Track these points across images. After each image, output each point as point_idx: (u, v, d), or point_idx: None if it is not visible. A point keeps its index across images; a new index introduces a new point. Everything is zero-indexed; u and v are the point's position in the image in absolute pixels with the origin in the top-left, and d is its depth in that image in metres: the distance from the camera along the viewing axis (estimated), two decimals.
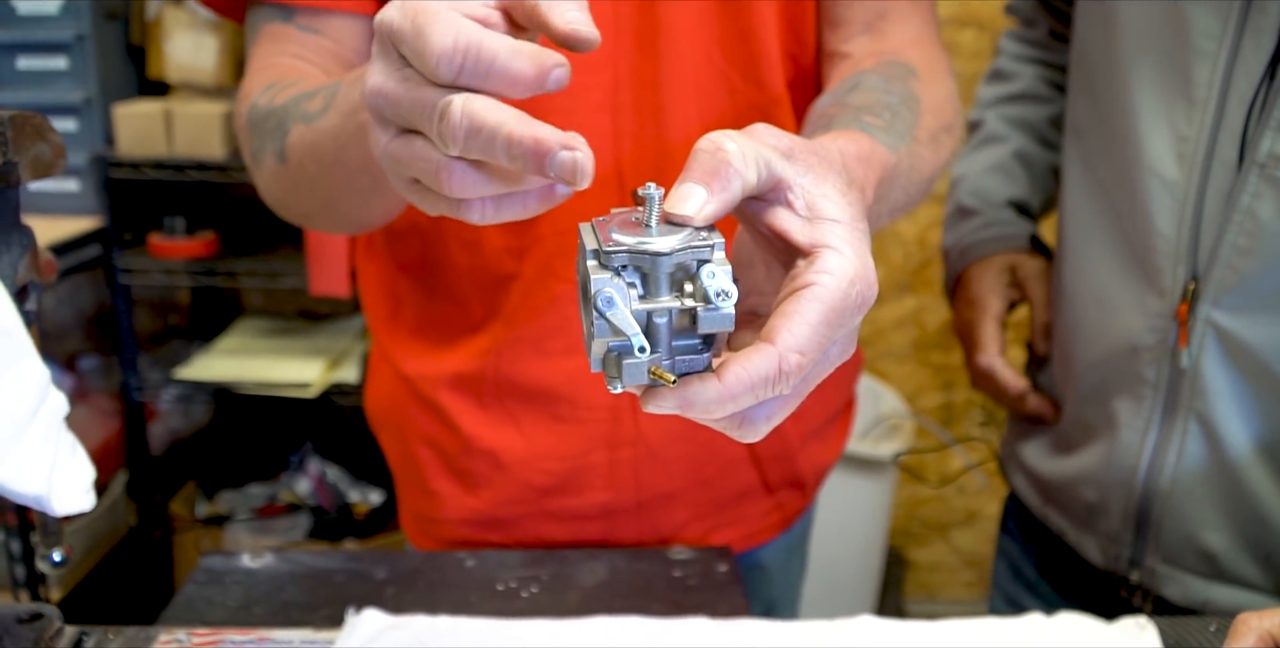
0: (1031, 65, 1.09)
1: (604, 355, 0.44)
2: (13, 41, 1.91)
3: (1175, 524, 0.80)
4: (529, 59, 0.41)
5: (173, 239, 1.98)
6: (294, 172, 0.68)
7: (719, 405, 0.42)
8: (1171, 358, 0.78)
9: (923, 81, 0.71)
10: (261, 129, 0.70)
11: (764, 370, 0.42)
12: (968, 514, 2.44)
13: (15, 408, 0.58)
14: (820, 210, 0.45)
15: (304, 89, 0.67)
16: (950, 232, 1.06)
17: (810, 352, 0.42)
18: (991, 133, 1.07)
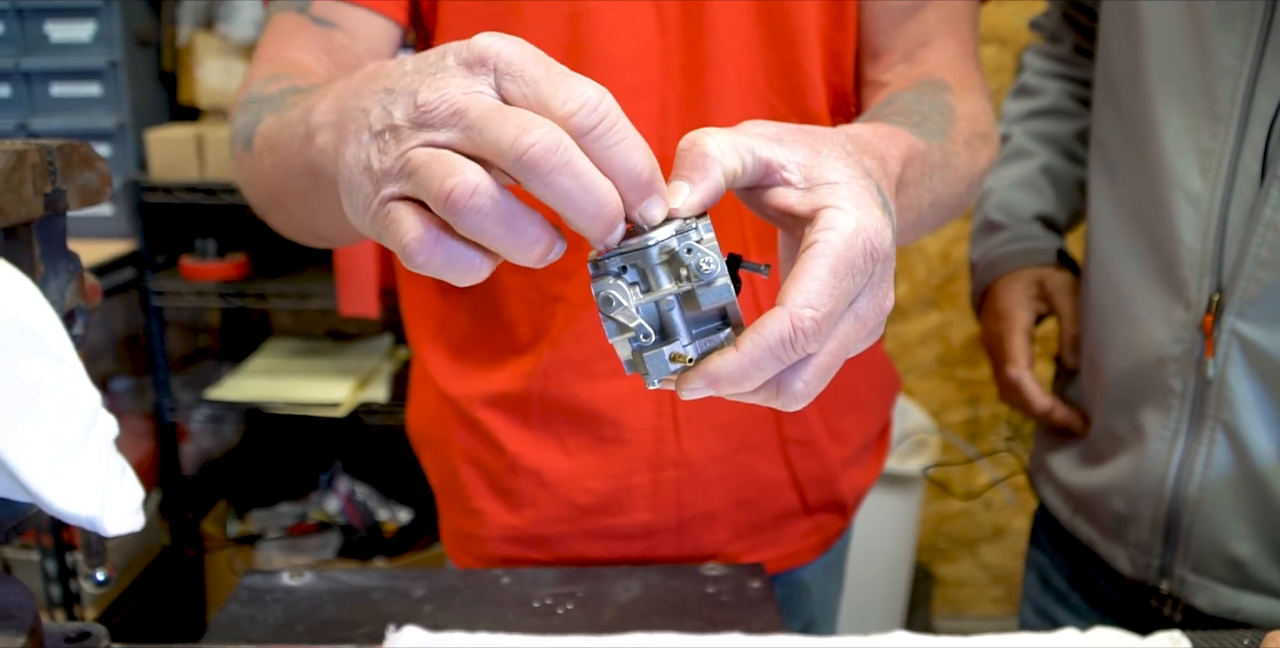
0: (1057, 80, 1.09)
1: (630, 356, 0.44)
2: (47, 69, 1.95)
3: (1204, 534, 0.81)
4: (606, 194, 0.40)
5: (204, 261, 2.01)
6: (254, 160, 0.65)
7: (743, 374, 0.42)
8: (1197, 368, 0.79)
9: (957, 95, 0.72)
10: (243, 114, 0.68)
11: (778, 331, 0.41)
12: (995, 530, 2.43)
13: (68, 431, 0.60)
14: (817, 177, 0.45)
15: (298, 84, 0.65)
16: (977, 246, 1.07)
17: (822, 306, 0.42)
18: (1018, 148, 1.08)
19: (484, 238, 0.40)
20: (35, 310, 0.61)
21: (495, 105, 0.39)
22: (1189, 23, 0.77)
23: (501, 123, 0.38)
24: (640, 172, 0.40)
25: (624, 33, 0.74)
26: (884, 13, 0.77)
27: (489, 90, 0.40)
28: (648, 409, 0.82)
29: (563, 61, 0.73)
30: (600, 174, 0.39)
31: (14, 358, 0.58)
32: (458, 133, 0.39)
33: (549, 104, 0.39)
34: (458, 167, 0.38)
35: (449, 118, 0.39)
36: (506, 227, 0.39)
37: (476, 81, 0.40)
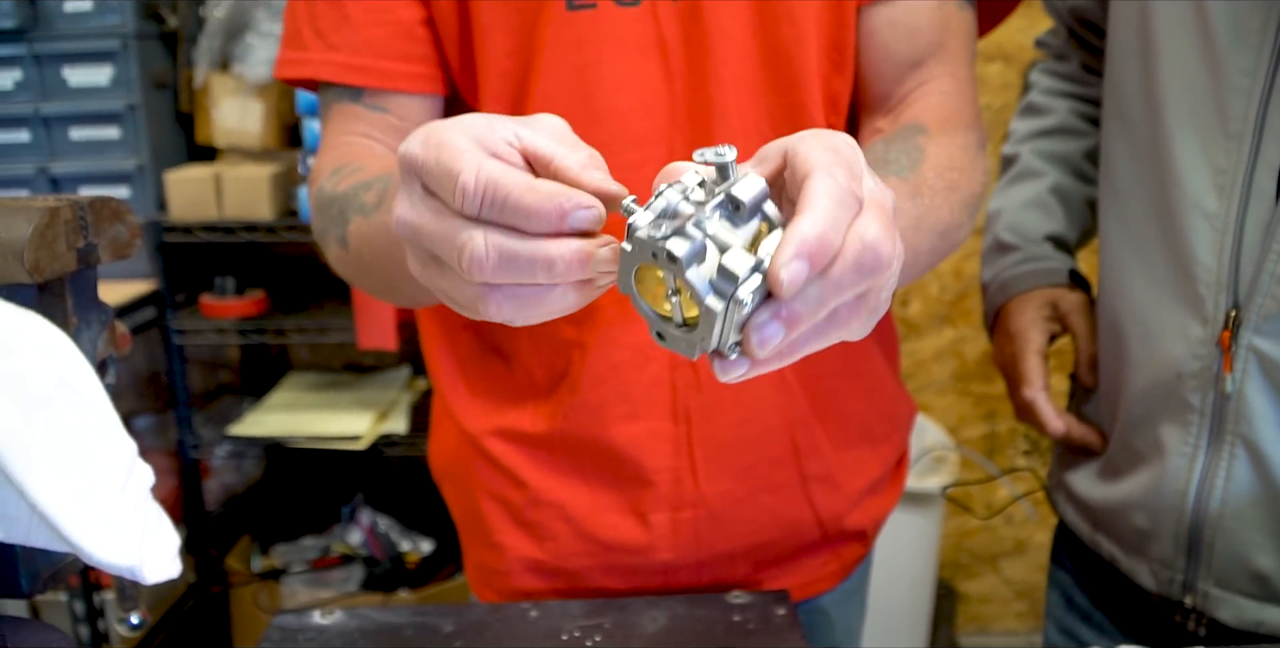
0: (1065, 99, 1.10)
1: (707, 282, 0.41)
2: (65, 113, 1.98)
3: (1226, 548, 0.81)
4: (546, 197, 0.42)
5: (223, 299, 2.03)
6: (355, 258, 0.71)
7: (828, 226, 0.40)
8: (1216, 384, 0.79)
9: (932, 136, 0.73)
10: (327, 214, 0.74)
11: (826, 180, 0.41)
12: (1016, 544, 2.42)
13: (106, 483, 0.61)
14: (766, 153, 0.46)
15: (363, 179, 0.71)
16: (988, 266, 1.08)
17: (844, 164, 0.42)
18: (1027, 167, 1.08)
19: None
20: (71, 364, 0.63)
21: (434, 225, 0.45)
22: (1201, 42, 0.78)
23: (440, 245, 0.44)
24: (534, 213, 0.42)
25: (631, 83, 0.77)
26: (880, 57, 0.79)
27: (420, 193, 0.45)
28: (665, 450, 0.84)
29: (573, 112, 0.76)
30: (536, 243, 0.43)
31: (52, 412, 0.60)
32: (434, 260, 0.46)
33: (450, 202, 0.44)
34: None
35: (415, 239, 0.46)
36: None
37: (413, 191, 0.46)
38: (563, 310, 0.46)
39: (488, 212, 0.42)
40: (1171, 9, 0.80)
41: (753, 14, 0.76)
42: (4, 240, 0.63)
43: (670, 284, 0.42)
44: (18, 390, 0.58)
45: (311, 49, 0.81)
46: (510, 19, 0.77)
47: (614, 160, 0.75)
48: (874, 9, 0.78)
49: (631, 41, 0.76)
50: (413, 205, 0.45)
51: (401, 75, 0.80)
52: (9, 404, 0.57)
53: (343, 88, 0.81)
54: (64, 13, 1.93)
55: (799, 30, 0.77)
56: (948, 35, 0.79)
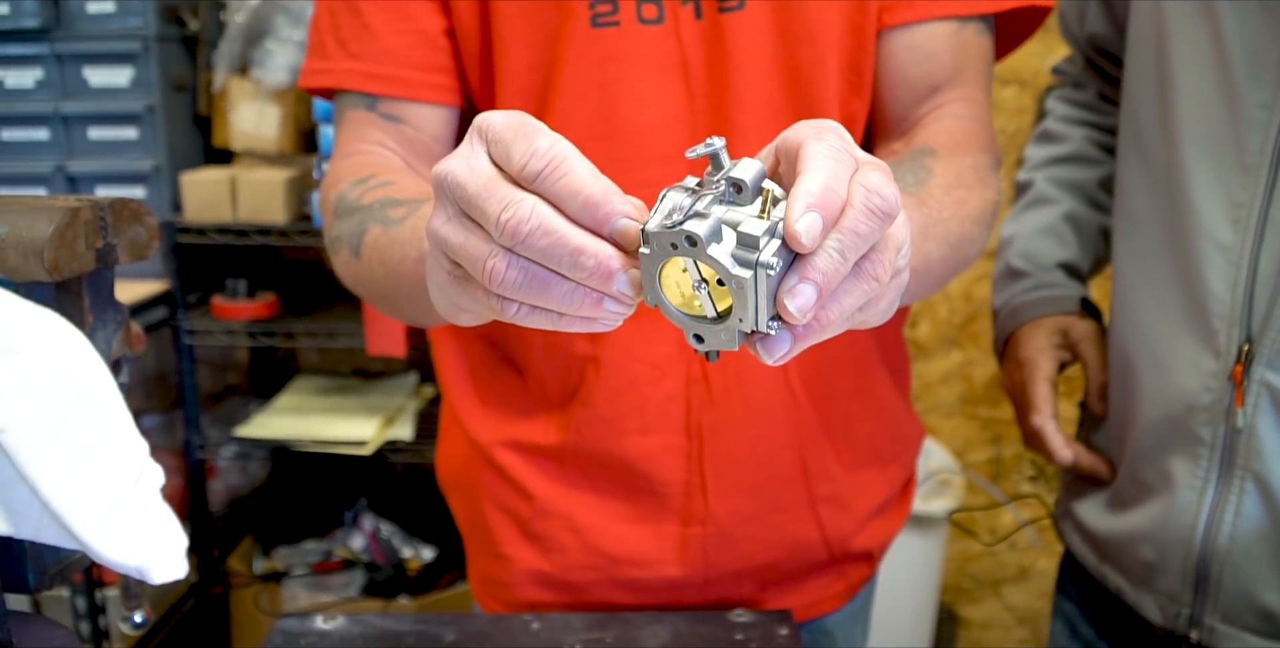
0: (1081, 127, 1.10)
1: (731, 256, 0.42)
2: (85, 113, 1.99)
3: (1234, 584, 0.81)
4: (602, 190, 0.42)
5: (235, 301, 2.04)
6: (364, 267, 0.72)
7: (831, 179, 0.41)
8: (1227, 418, 0.79)
9: (940, 157, 0.74)
10: (346, 221, 0.74)
11: (818, 144, 0.42)
12: (1019, 570, 2.41)
13: (117, 482, 0.62)
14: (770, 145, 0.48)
15: (393, 195, 0.71)
16: (999, 292, 1.08)
17: (833, 132, 0.43)
18: (1041, 195, 1.08)
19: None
20: (86, 363, 0.63)
21: (486, 182, 0.44)
22: (1219, 76, 0.78)
23: (487, 199, 0.43)
24: (586, 197, 0.42)
25: (652, 101, 0.77)
26: (898, 80, 0.80)
27: (484, 158, 0.45)
28: (678, 464, 0.84)
29: (593, 128, 0.76)
30: (576, 230, 0.42)
31: (66, 410, 0.60)
32: (459, 207, 0.45)
33: (511, 162, 0.43)
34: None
35: (454, 190, 0.45)
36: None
37: (476, 152, 0.45)
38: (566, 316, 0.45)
39: (547, 179, 0.42)
40: (1189, 42, 0.81)
41: (775, 35, 0.77)
42: (25, 239, 0.64)
43: (695, 276, 0.43)
44: (33, 388, 0.59)
45: (333, 58, 0.81)
46: (532, 34, 0.78)
47: (633, 177, 0.76)
48: (893, 33, 0.79)
49: (654, 60, 0.77)
50: (447, 220, 0.46)
51: (421, 84, 0.81)
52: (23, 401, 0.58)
53: (359, 95, 0.82)
54: (86, 13, 1.95)
55: (819, 52, 0.77)
56: (965, 60, 0.79)
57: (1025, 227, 1.08)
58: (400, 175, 0.76)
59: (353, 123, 0.82)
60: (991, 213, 0.75)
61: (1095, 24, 1.02)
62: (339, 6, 0.81)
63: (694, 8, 0.76)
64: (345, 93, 0.82)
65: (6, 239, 0.64)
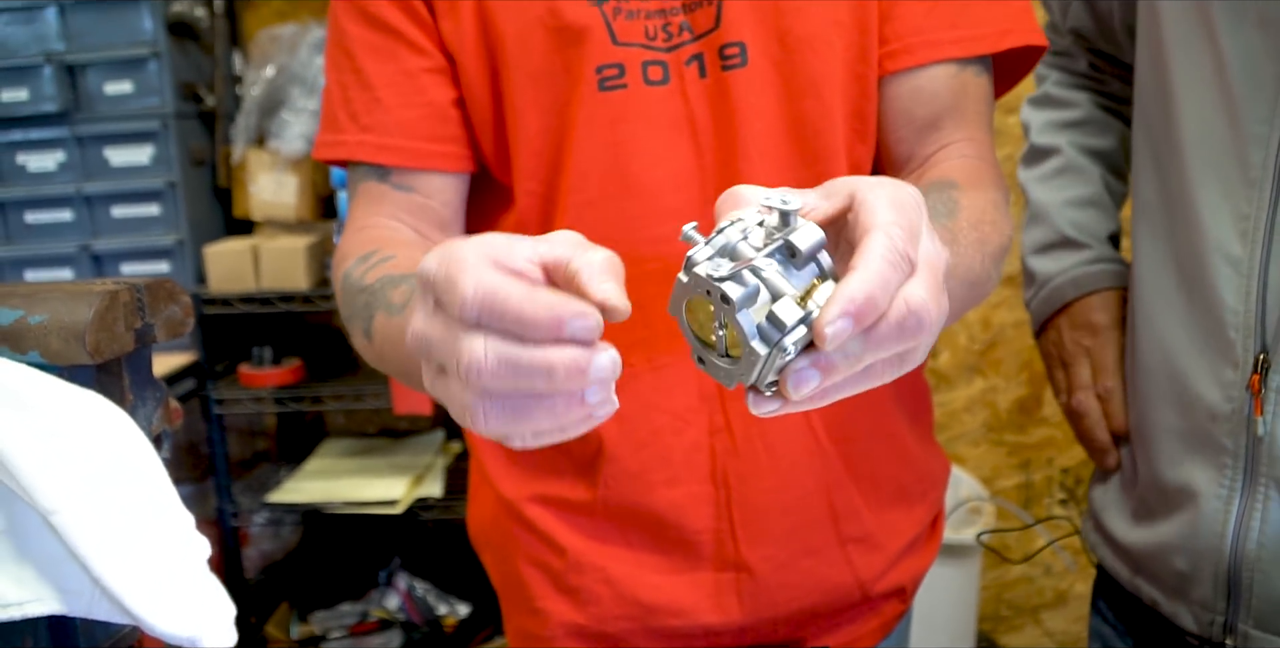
0: (1083, 92, 1.11)
1: (755, 327, 0.43)
2: (107, 192, 2.04)
3: (1264, 590, 0.81)
4: (545, 307, 0.42)
5: (261, 368, 2.07)
6: (378, 350, 0.73)
7: (878, 287, 0.42)
8: (1248, 427, 0.80)
9: (964, 191, 0.75)
10: (354, 302, 0.76)
11: (884, 241, 0.43)
12: (1056, 595, 2.39)
13: (166, 555, 0.64)
14: (834, 188, 0.48)
15: (391, 272, 0.73)
16: (1051, 260, 1.08)
17: (904, 224, 0.44)
18: (1073, 163, 1.09)
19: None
20: (132, 442, 0.65)
21: (442, 334, 0.45)
22: (1220, 93, 0.80)
23: (445, 353, 0.45)
24: (532, 323, 0.42)
25: (663, 158, 0.79)
26: (903, 122, 0.81)
27: (432, 307, 0.46)
28: (707, 512, 0.85)
29: (607, 186, 0.78)
30: (530, 348, 0.43)
31: (114, 488, 0.62)
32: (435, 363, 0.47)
33: (452, 312, 0.44)
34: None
35: (425, 350, 0.47)
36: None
37: (427, 304, 0.46)
38: (559, 429, 0.46)
39: (486, 319, 0.43)
40: (1189, 59, 0.82)
41: (779, 90, 0.79)
42: (66, 324, 0.66)
43: (719, 318, 0.44)
44: (82, 469, 0.61)
45: (346, 131, 0.84)
46: (542, 100, 0.80)
47: (646, 233, 0.78)
48: (895, 78, 0.81)
49: (662, 119, 0.79)
50: (425, 318, 0.47)
51: (433, 154, 0.83)
52: (73, 483, 0.60)
53: (371, 167, 0.83)
54: (105, 95, 2.01)
55: (824, 103, 0.79)
56: (965, 99, 0.81)
57: (1064, 194, 1.08)
58: (402, 248, 0.77)
59: (365, 195, 0.84)
60: (1006, 250, 0.76)
61: (1078, 19, 1.05)
62: (349, 79, 0.84)
63: (698, 67, 0.78)
64: (358, 164, 0.85)
65: (48, 325, 0.67)
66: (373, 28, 0.83)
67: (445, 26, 0.81)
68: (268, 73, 2.01)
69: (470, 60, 0.81)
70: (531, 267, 0.46)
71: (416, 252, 0.77)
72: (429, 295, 0.46)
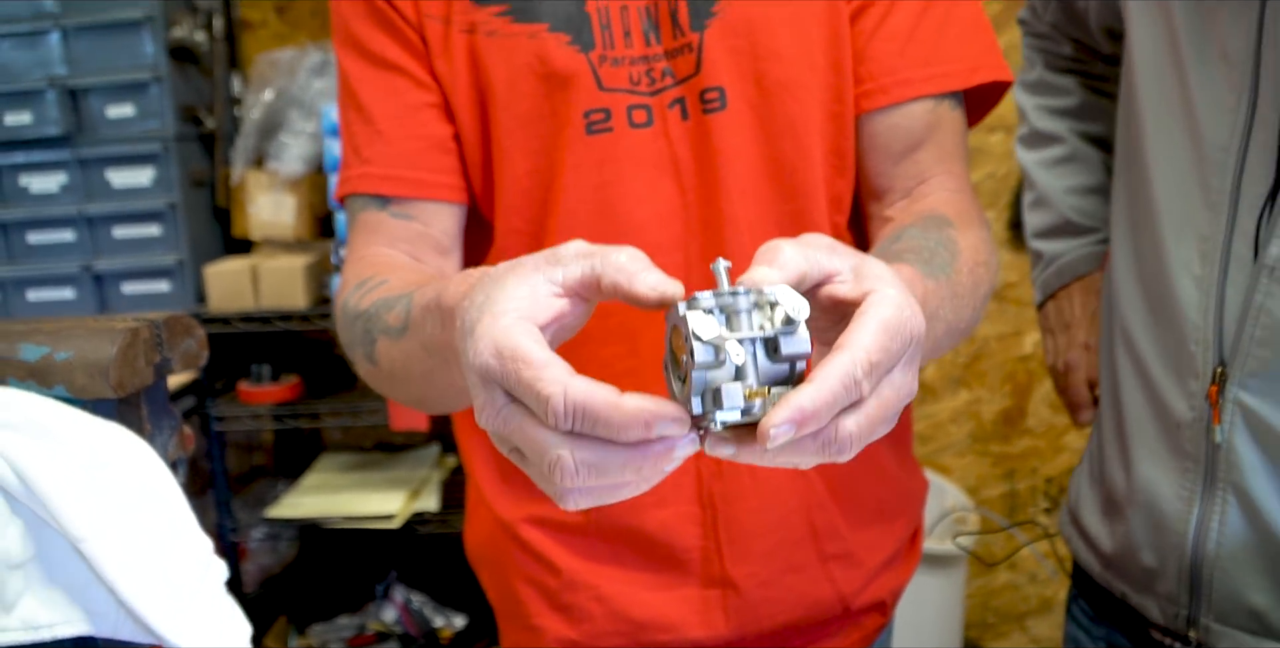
0: (1072, 76, 1.16)
1: (704, 391, 0.46)
2: (109, 213, 2.06)
3: (1224, 587, 0.86)
4: (633, 416, 0.45)
5: (260, 385, 2.10)
6: (385, 375, 0.75)
7: (825, 405, 0.45)
8: (1208, 434, 0.84)
9: (958, 229, 0.77)
10: (353, 329, 0.78)
11: (848, 365, 0.45)
12: (1041, 602, 2.43)
13: (186, 578, 0.68)
14: (865, 273, 0.51)
15: (384, 295, 0.74)
16: (1058, 243, 1.13)
17: (878, 354, 0.46)
18: (1076, 152, 1.14)
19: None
20: (153, 471, 0.69)
21: (522, 431, 0.47)
22: (1184, 120, 0.84)
23: (532, 451, 0.47)
24: (634, 427, 0.45)
25: (648, 197, 0.82)
26: (882, 156, 0.84)
27: (503, 401, 0.48)
28: (694, 532, 0.88)
29: (594, 225, 0.82)
30: (619, 452, 0.46)
31: (138, 516, 0.66)
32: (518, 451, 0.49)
33: (538, 414, 0.47)
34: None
35: (507, 439, 0.49)
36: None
37: (495, 396, 0.48)
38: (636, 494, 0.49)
39: (579, 427, 0.45)
40: (1158, 88, 0.87)
41: (757, 131, 0.82)
42: (91, 361, 0.70)
43: (687, 356, 0.47)
44: (110, 499, 0.65)
45: (351, 167, 0.86)
46: (531, 142, 0.83)
47: None
48: (872, 116, 0.83)
49: (647, 160, 0.82)
50: (497, 412, 0.48)
51: (433, 184, 0.85)
52: (99, 512, 0.64)
53: (371, 197, 0.85)
54: (107, 118, 2.04)
55: (802, 143, 0.82)
56: (940, 133, 0.84)
57: (1068, 182, 1.13)
58: (395, 272, 0.79)
59: (363, 225, 0.86)
60: (994, 288, 0.79)
61: (1055, 16, 1.10)
62: (353, 117, 0.87)
63: (680, 110, 0.81)
64: (356, 196, 0.86)
65: (74, 361, 0.71)
66: (375, 65, 0.85)
67: (439, 66, 0.84)
68: (266, 96, 2.05)
69: (461, 100, 0.84)
70: (557, 300, 0.50)
71: (409, 274, 0.78)
72: (495, 388, 0.48)
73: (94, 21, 1.99)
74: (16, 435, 0.64)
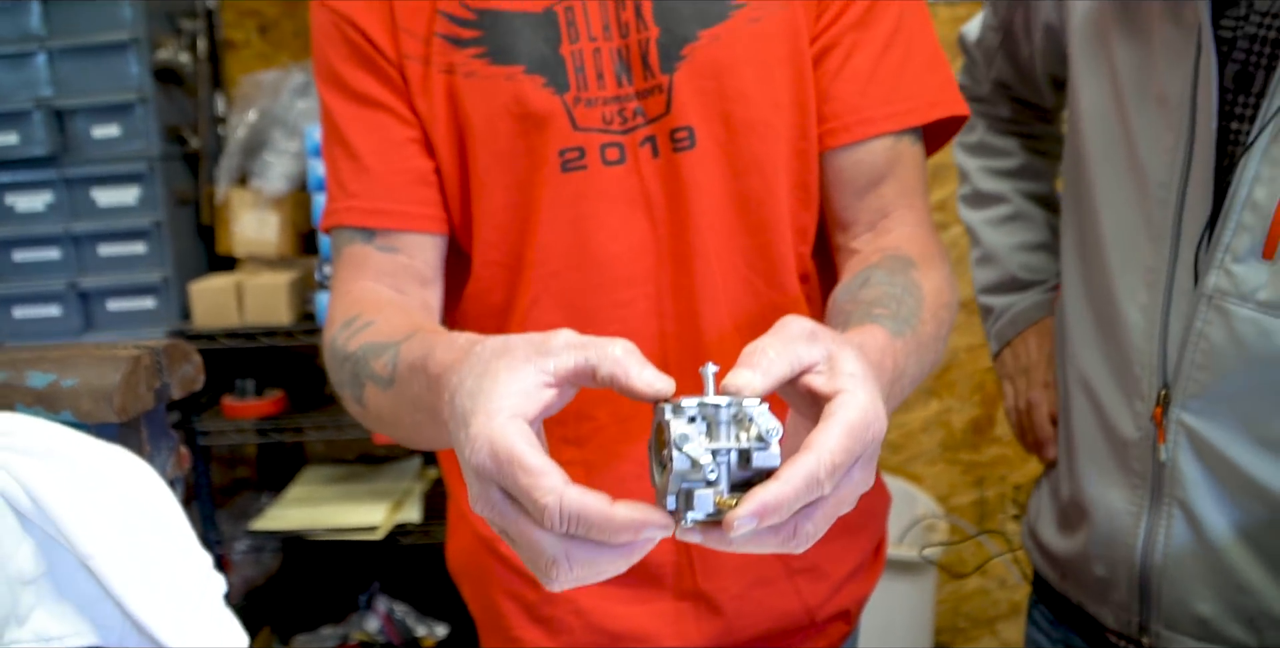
0: (1013, 138, 1.21)
1: (679, 491, 0.50)
2: (95, 232, 2.09)
3: (1171, 595, 0.91)
4: (624, 525, 0.50)
5: (244, 400, 2.12)
6: (373, 418, 0.78)
7: (786, 504, 0.49)
8: (1153, 453, 0.90)
9: (922, 270, 0.80)
10: (341, 370, 0.80)
11: (813, 466, 0.49)
12: (1011, 606, 2.48)
13: (188, 592, 0.72)
14: (838, 367, 0.54)
15: (372, 340, 0.77)
16: (1005, 296, 1.19)
17: (840, 456, 0.50)
18: (1021, 211, 1.19)
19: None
20: (155, 492, 0.74)
21: (517, 527, 0.52)
22: (1128, 159, 0.90)
23: (525, 548, 0.52)
24: (625, 534, 0.50)
25: (621, 231, 0.85)
26: (846, 190, 0.87)
27: (499, 497, 0.52)
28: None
29: (571, 259, 0.86)
30: (609, 551, 0.51)
31: (142, 534, 0.70)
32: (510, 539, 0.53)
33: (533, 517, 0.51)
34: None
35: (502, 529, 0.53)
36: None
37: (491, 493, 0.52)
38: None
39: (573, 532, 0.50)
40: (1103, 129, 0.92)
41: (724, 169, 0.84)
42: (96, 387, 0.74)
43: (667, 453, 0.51)
44: (116, 518, 0.69)
45: (336, 200, 0.89)
46: (507, 179, 0.85)
47: (608, 298, 0.86)
48: (836, 152, 0.86)
49: (620, 196, 0.84)
50: (493, 507, 0.52)
51: (416, 216, 0.87)
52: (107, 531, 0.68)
53: (356, 229, 0.87)
54: (93, 138, 2.07)
55: (767, 179, 0.85)
56: (901, 167, 0.88)
57: (1013, 239, 1.19)
58: (381, 312, 0.81)
59: (349, 259, 0.88)
60: (950, 329, 0.82)
61: (1001, 71, 1.15)
62: (338, 152, 0.89)
63: (651, 148, 0.84)
64: (343, 229, 0.88)
65: (79, 388, 0.75)
66: (358, 102, 0.87)
67: (419, 104, 0.86)
68: (251, 117, 2.08)
69: (441, 137, 0.86)
70: (548, 390, 0.53)
71: (395, 315, 0.81)
72: (490, 485, 0.51)
73: (80, 44, 2.03)
74: (27, 459, 0.68)
